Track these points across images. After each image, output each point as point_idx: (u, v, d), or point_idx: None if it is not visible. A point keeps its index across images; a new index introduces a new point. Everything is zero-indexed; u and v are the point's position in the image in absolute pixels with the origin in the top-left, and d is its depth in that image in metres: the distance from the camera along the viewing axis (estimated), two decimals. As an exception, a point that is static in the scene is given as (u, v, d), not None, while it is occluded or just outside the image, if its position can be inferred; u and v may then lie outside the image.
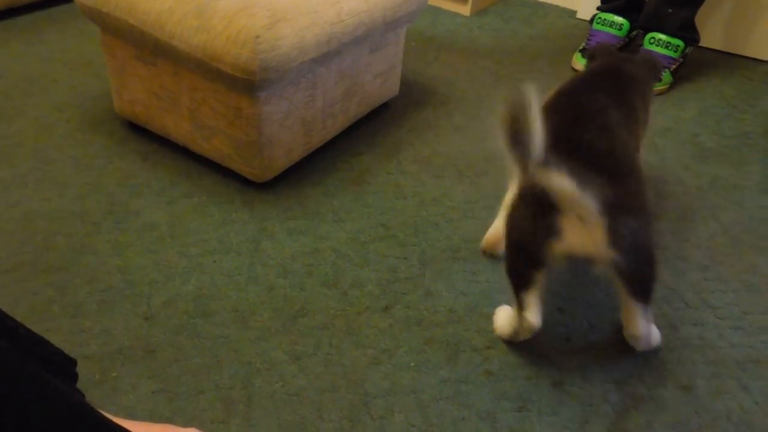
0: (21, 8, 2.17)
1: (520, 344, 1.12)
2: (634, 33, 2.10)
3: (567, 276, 1.27)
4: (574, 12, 2.44)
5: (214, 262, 1.26)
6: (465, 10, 2.38)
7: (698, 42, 1.98)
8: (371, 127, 1.69)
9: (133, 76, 1.50)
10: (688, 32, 1.94)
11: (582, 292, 1.23)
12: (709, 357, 1.12)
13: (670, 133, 1.74)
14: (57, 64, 1.89)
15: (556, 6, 2.49)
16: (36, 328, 0.90)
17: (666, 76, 1.92)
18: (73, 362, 0.93)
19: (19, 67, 1.86)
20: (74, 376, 0.94)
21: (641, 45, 1.99)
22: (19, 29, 2.07)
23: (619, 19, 2.04)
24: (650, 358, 1.11)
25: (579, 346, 1.13)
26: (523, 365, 1.09)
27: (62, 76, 1.83)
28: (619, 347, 1.13)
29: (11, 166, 1.47)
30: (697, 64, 2.09)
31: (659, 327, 1.17)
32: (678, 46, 1.92)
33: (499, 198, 1.46)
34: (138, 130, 1.61)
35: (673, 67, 1.94)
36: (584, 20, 2.35)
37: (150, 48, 1.40)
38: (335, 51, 1.39)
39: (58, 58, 1.92)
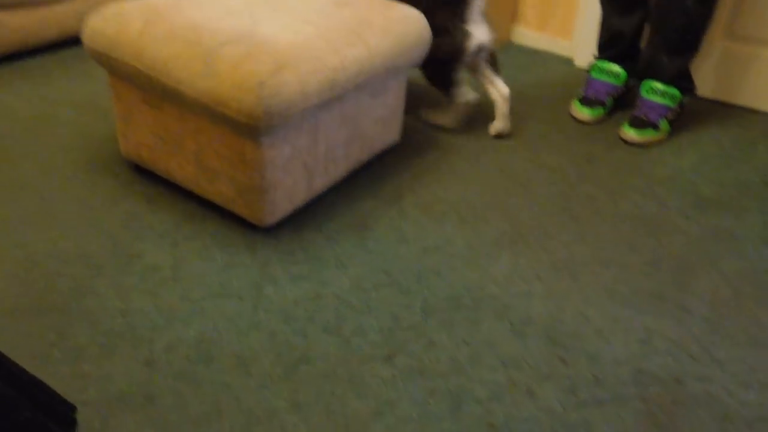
0: (30, 51, 2.21)
1: (524, 397, 1.11)
2: (632, 81, 2.14)
3: (569, 326, 1.27)
4: (572, 60, 2.49)
5: (216, 306, 1.25)
6: (465, 56, 2.42)
7: (694, 91, 2.02)
8: (373, 172, 1.71)
9: (140, 119, 1.52)
10: (684, 81, 1.97)
11: (586, 343, 1.23)
12: (716, 413, 1.11)
13: (669, 182, 1.76)
14: (64, 106, 1.91)
15: (554, 54, 2.54)
16: (36, 372, 0.89)
17: (664, 124, 1.95)
18: (72, 408, 0.92)
19: (27, 109, 1.88)
20: (74, 423, 0.93)
21: (638, 93, 2.02)
22: (27, 71, 2.10)
23: (616, 68, 2.08)
24: (657, 413, 1.10)
25: (584, 399, 1.12)
26: (527, 419, 1.08)
27: (69, 118, 1.85)
28: (626, 402, 1.12)
29: (17, 206, 1.48)
30: (694, 113, 2.13)
31: (661, 380, 1.16)
32: (674, 95, 1.95)
33: (501, 245, 1.47)
34: (143, 172, 1.63)
35: (671, 116, 1.97)
36: (582, 68, 2.39)
37: (157, 92, 1.42)
38: (338, 97, 1.41)
39: (65, 100, 1.95)
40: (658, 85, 1.97)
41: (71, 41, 2.27)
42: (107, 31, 1.43)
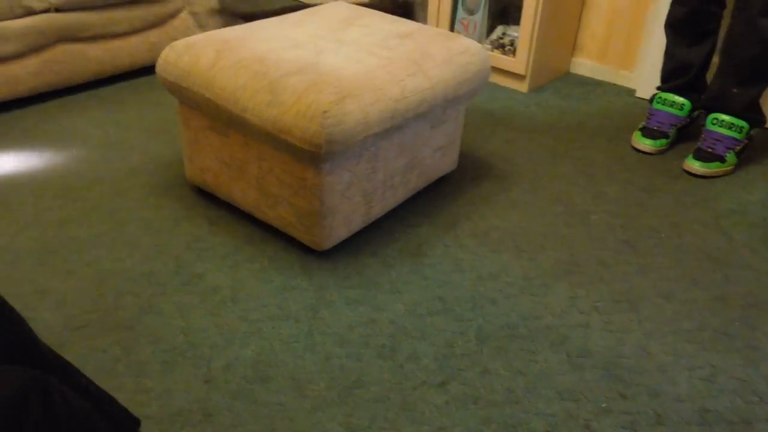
0: (105, 79, 2.34)
1: (581, 431, 1.08)
2: (696, 113, 2.10)
3: (629, 360, 1.23)
4: (633, 91, 2.45)
5: (273, 328, 1.28)
6: (522, 86, 2.43)
7: (764, 123, 1.96)
8: (430, 200, 1.72)
9: (206, 145, 1.58)
10: (753, 113, 1.92)
11: (647, 378, 1.19)
12: (785, 455, 1.06)
13: (737, 216, 1.70)
14: (135, 131, 2.01)
15: (615, 84, 2.51)
16: (101, 385, 0.93)
17: (731, 157, 1.90)
18: (136, 422, 0.95)
19: (100, 134, 1.99)
20: (136, 437, 0.96)
21: (703, 125, 1.97)
22: (102, 98, 2.22)
23: (680, 100, 2.04)
24: (721, 452, 1.06)
25: (643, 435, 1.08)
26: (584, 452, 1.05)
27: (139, 143, 1.94)
28: (686, 439, 1.08)
29: (88, 226, 1.55)
30: (763, 145, 2.06)
31: (728, 420, 1.11)
32: (742, 127, 1.90)
33: (558, 275, 1.45)
34: (206, 196, 1.68)
35: (738, 148, 1.91)
36: (643, 99, 2.36)
37: (223, 120, 1.48)
38: (398, 126, 1.44)
39: (136, 126, 2.05)
40: (725, 117, 1.92)
41: (142, 71, 2.39)
42: (180, 63, 1.50)
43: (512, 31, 2.46)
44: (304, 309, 1.33)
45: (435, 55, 1.54)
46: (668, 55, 2.07)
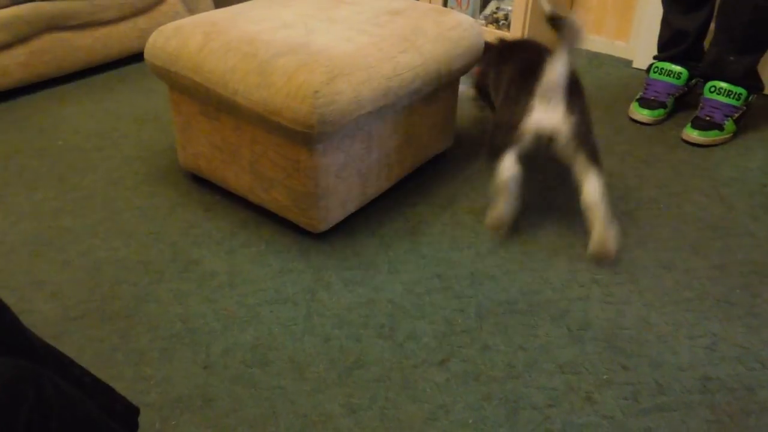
0: (95, 68, 2.31)
1: (583, 403, 1.08)
2: (694, 81, 2.07)
3: (630, 331, 1.22)
4: (630, 61, 2.42)
5: (271, 311, 1.27)
6: (518, 61, 2.40)
7: (762, 90, 1.94)
8: (426, 178, 1.70)
9: (198, 130, 1.56)
10: (751, 80, 1.89)
11: (648, 349, 1.18)
12: (789, 421, 1.05)
13: (736, 183, 1.69)
14: (126, 119, 1.99)
15: (611, 56, 2.48)
16: (100, 375, 0.92)
17: (729, 125, 1.87)
18: (135, 410, 0.94)
19: (92, 123, 1.97)
20: (135, 426, 0.95)
21: (701, 94, 1.95)
22: (92, 87, 2.20)
23: (677, 68, 2.02)
24: (725, 422, 1.05)
25: (646, 406, 1.08)
26: (586, 425, 1.04)
27: (131, 131, 1.93)
28: (691, 410, 1.07)
29: (83, 216, 1.54)
30: (762, 112, 2.03)
31: (730, 388, 1.11)
32: (740, 94, 1.88)
33: (557, 250, 1.44)
34: (200, 181, 1.67)
35: (736, 115, 1.89)
36: (640, 69, 2.33)
37: (214, 104, 1.46)
38: (391, 104, 1.42)
39: (127, 114, 2.03)
40: (723, 85, 1.89)
41: (132, 58, 2.36)
42: (168, 47, 1.48)
43: (506, 5, 2.43)
44: (302, 291, 1.32)
45: (427, 31, 1.52)
46: (664, 23, 2.04)
